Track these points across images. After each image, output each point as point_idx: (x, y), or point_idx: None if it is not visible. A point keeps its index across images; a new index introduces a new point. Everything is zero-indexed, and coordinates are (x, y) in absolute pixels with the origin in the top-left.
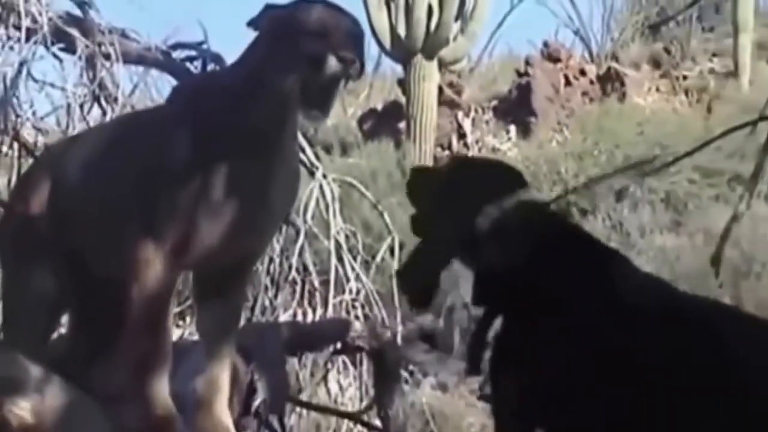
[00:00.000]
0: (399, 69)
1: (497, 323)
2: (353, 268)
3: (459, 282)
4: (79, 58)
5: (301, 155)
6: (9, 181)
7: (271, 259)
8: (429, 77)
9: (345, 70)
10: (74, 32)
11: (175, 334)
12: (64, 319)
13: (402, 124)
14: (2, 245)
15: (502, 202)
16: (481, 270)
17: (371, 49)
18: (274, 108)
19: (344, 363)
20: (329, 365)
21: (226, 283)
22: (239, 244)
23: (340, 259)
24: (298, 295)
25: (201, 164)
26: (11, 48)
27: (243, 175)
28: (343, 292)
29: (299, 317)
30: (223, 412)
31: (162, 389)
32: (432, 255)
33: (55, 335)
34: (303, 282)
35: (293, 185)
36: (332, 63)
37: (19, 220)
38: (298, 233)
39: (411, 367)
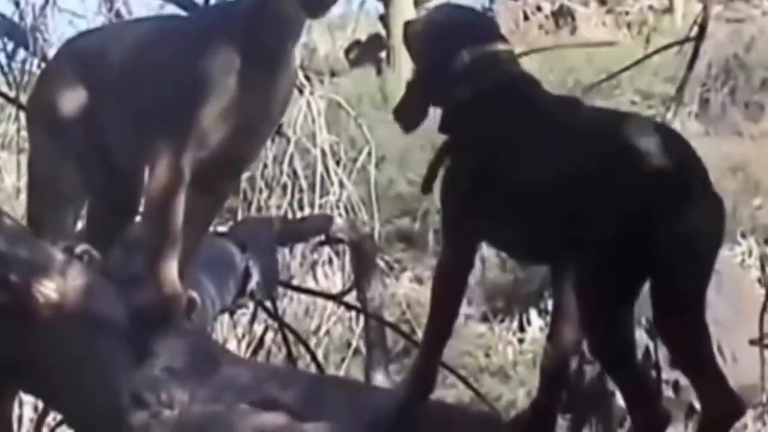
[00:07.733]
0: (381, 6)
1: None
2: (336, 173)
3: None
4: None
5: None
6: None
7: (266, 165)
8: (406, 13)
9: None
10: None
11: None
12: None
13: (383, 54)
14: (34, 139)
15: (473, 49)
16: (447, 105)
17: None
18: (280, 25)
19: (329, 257)
20: (316, 256)
21: (220, 180)
22: (242, 146)
23: (325, 166)
24: (288, 197)
25: (216, 75)
26: None
27: (252, 86)
28: (328, 194)
29: (289, 216)
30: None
31: (170, 271)
32: (419, 88)
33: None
34: (293, 185)
35: (289, 94)
36: None
37: (50, 112)
38: (288, 143)
39: (391, 263)
